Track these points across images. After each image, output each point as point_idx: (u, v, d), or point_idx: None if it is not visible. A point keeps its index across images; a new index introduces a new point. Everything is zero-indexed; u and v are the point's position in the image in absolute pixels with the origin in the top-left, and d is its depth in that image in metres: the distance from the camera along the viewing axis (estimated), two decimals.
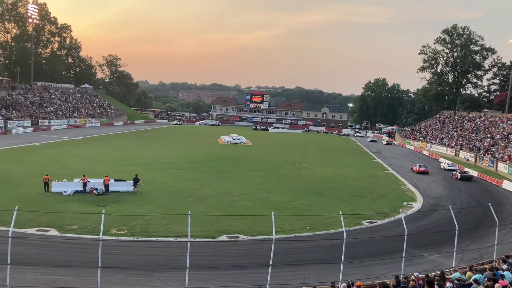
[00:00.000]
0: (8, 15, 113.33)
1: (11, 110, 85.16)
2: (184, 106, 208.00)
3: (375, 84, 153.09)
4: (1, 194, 31.91)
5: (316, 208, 32.54)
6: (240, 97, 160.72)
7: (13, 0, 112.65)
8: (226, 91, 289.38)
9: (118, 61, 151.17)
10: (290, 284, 16.48)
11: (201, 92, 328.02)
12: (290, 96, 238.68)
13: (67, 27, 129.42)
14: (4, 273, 15.36)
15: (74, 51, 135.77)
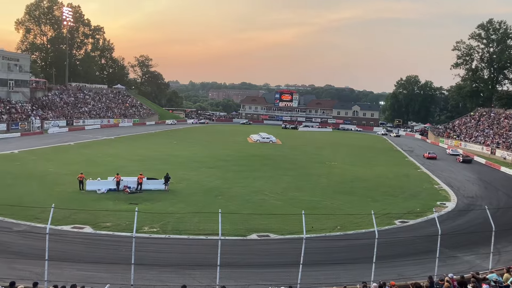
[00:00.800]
0: (44, 18, 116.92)
1: (47, 110, 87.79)
2: (213, 105, 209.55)
3: (407, 81, 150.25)
4: (39, 192, 33.01)
5: (347, 208, 32.23)
6: (269, 96, 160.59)
7: (49, 4, 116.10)
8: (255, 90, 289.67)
9: (149, 62, 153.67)
10: (321, 283, 16.39)
11: (230, 91, 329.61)
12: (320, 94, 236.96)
13: (100, 29, 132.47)
14: (42, 268, 15.87)
15: (107, 52, 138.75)
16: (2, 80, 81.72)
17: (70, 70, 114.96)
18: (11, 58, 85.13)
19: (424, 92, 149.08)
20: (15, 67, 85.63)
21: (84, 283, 14.83)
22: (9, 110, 77.47)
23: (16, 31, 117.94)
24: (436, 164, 59.41)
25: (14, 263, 19.15)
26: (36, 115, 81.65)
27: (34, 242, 21.17)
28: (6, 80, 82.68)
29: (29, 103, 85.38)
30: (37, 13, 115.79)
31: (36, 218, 25.81)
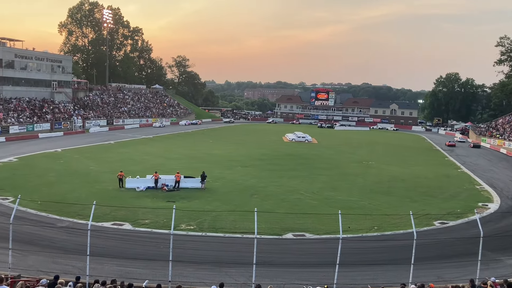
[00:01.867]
0: (85, 21, 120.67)
1: (88, 110, 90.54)
2: (249, 104, 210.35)
3: (447, 79, 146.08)
4: (81, 190, 34.11)
5: (385, 208, 31.69)
6: (304, 95, 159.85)
7: (90, 7, 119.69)
8: (290, 89, 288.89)
9: (186, 62, 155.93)
10: (357, 284, 16.22)
11: (265, 90, 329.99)
12: (357, 92, 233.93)
13: (139, 30, 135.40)
14: (84, 263, 16.42)
15: (145, 53, 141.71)
16: (46, 81, 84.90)
17: (110, 70, 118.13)
18: (54, 60, 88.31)
19: (465, 90, 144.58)
20: (58, 68, 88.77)
21: (123, 278, 15.24)
22: (52, 110, 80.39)
23: (59, 34, 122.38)
24: (477, 164, 57.58)
25: (58, 257, 19.87)
26: (78, 114, 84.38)
27: (76, 237, 21.88)
28: (50, 81, 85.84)
29: (72, 103, 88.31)
30: (78, 15, 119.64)
31: (78, 214, 26.68)
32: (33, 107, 77.40)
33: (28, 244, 21.33)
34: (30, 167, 42.65)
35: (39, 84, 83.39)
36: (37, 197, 29.38)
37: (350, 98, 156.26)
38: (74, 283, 13.87)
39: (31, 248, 21.01)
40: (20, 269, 17.46)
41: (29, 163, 45.28)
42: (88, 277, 15.85)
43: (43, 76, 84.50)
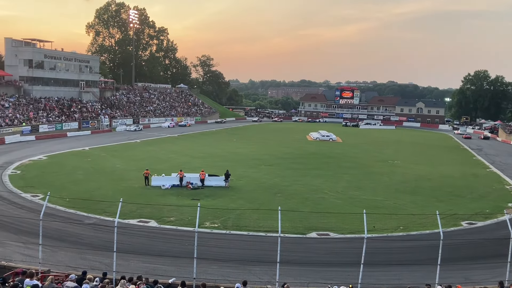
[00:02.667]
0: (112, 21, 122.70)
1: (115, 109, 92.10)
2: (273, 103, 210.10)
3: (475, 76, 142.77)
4: (107, 187, 34.77)
5: (410, 208, 31.24)
6: (329, 93, 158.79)
7: (116, 7, 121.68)
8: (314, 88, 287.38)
9: (210, 61, 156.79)
10: (382, 284, 16.07)
11: (289, 89, 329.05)
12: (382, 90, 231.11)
13: (164, 30, 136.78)
14: (111, 259, 16.75)
15: (170, 52, 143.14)
16: (74, 81, 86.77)
17: (136, 70, 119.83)
18: (82, 60, 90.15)
19: (494, 87, 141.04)
20: (86, 68, 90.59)
21: (149, 275, 15.48)
22: (80, 109, 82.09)
23: (87, 34, 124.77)
24: (507, 163, 56.12)
25: (86, 253, 20.32)
26: (105, 113, 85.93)
27: (103, 234, 22.32)
28: (78, 80, 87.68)
29: (99, 103, 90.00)
30: (105, 16, 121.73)
31: (105, 211, 27.20)
32: (61, 107, 79.21)
33: (57, 240, 21.86)
34: (59, 165, 43.70)
35: (67, 84, 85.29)
36: (66, 195, 30.12)
37: (376, 97, 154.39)
38: (101, 278, 14.16)
39: (60, 244, 21.53)
40: (49, 264, 17.93)
41: (58, 161, 46.39)
42: (114, 273, 16.16)
43: (72, 76, 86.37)
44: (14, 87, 74.97)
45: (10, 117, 65.86)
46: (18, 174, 38.78)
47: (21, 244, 21.57)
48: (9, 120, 64.90)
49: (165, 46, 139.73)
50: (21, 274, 14.37)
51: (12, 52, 77.44)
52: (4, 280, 12.11)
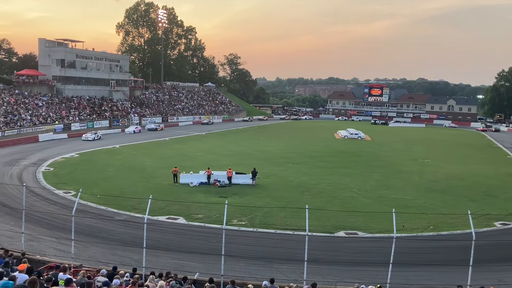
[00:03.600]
0: (141, 21, 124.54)
1: (144, 108, 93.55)
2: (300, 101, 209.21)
3: (510, 73, 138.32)
4: (137, 184, 35.39)
5: (441, 207, 30.61)
6: (357, 91, 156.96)
7: (145, 7, 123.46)
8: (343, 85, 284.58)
9: (238, 60, 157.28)
10: (411, 284, 15.83)
11: (317, 86, 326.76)
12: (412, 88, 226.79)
13: (192, 29, 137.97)
14: (141, 255, 17.04)
15: (198, 51, 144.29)
16: (105, 80, 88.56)
17: (165, 69, 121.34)
18: (112, 60, 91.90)
19: None
20: (116, 67, 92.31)
21: (177, 271, 15.69)
22: (111, 107, 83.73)
23: (117, 34, 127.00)
24: None
25: (116, 249, 20.76)
26: (135, 112, 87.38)
27: (133, 230, 22.72)
28: (109, 80, 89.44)
29: (129, 101, 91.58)
30: (135, 16, 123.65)
31: (135, 208, 27.72)
32: (92, 105, 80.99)
33: (89, 236, 22.42)
34: (90, 163, 44.71)
35: (98, 83, 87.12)
36: (97, 191, 30.79)
37: (405, 94, 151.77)
38: (131, 274, 14.42)
39: (91, 239, 22.08)
40: (81, 259, 18.38)
41: (89, 158, 47.49)
42: (144, 269, 16.44)
43: (102, 75, 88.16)
44: (47, 87, 77.07)
45: (44, 115, 67.76)
46: (51, 171, 39.89)
47: (55, 239, 22.20)
48: (43, 118, 66.78)
49: (193, 45, 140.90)
50: (55, 268, 14.77)
51: (46, 52, 79.60)
52: (39, 273, 12.49)
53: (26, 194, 23.19)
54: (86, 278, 12.35)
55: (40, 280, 10.63)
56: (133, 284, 12.07)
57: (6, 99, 65.56)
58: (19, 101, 67.80)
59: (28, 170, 39.59)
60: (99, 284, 11.86)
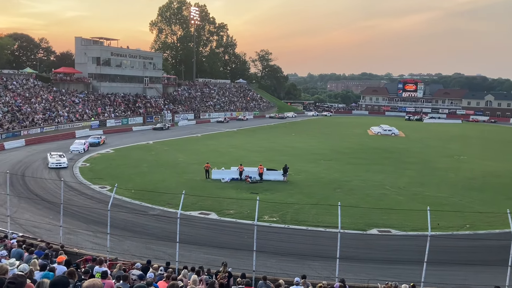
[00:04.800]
0: (174, 19, 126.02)
1: (177, 104, 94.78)
2: (332, 97, 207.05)
3: None
4: (170, 180, 35.96)
5: (478, 205, 29.80)
6: (391, 86, 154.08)
7: (178, 5, 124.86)
8: (376, 80, 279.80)
9: (269, 56, 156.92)
10: (446, 283, 15.49)
11: (349, 82, 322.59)
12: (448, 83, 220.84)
13: (224, 26, 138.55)
14: (174, 249, 17.33)
15: (230, 48, 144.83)
16: (139, 77, 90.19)
17: (197, 66, 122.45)
18: (146, 57, 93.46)
19: None
20: (150, 65, 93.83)
21: (210, 266, 15.88)
22: (145, 104, 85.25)
23: (150, 32, 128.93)
24: None
25: (150, 243, 21.18)
26: (168, 109, 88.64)
27: (167, 225, 23.09)
28: (142, 77, 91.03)
29: (162, 98, 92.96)
30: (168, 14, 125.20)
31: (168, 203, 28.18)
32: (127, 102, 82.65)
33: (124, 230, 22.97)
34: (125, 158, 45.71)
35: (132, 80, 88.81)
36: (131, 186, 31.47)
37: (441, 89, 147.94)
38: (165, 268, 14.70)
39: (126, 233, 22.62)
40: (116, 252, 18.85)
41: (124, 154, 48.55)
42: (177, 263, 16.72)
43: (136, 73, 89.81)
44: (83, 84, 79.15)
45: (80, 112, 69.64)
46: (88, 166, 41.00)
47: (91, 233, 22.85)
48: (79, 115, 68.64)
49: (225, 42, 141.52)
50: (91, 261, 15.22)
51: (82, 50, 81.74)
52: (77, 266, 12.90)
53: (64, 188, 23.95)
54: (122, 271, 12.67)
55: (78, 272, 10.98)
56: (167, 278, 12.30)
57: (44, 96, 67.74)
58: (57, 98, 69.92)
59: None
60: (133, 277, 12.14)
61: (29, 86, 68.35)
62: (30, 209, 26.75)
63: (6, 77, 67.05)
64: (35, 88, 68.85)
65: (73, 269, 10.83)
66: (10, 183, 24.70)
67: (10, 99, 61.44)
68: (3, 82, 64.59)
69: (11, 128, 55.00)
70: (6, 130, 53.88)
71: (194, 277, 11.86)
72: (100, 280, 7.15)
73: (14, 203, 25.94)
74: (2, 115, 56.94)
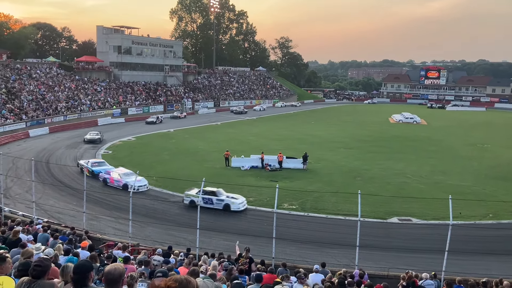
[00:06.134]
0: (194, 7, 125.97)
1: (197, 92, 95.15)
2: (353, 84, 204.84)
3: None
4: (191, 167, 36.26)
5: (502, 194, 29.24)
6: (413, 73, 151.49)
7: None
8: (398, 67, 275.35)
9: (289, 43, 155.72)
10: (468, 273, 15.27)
11: (370, 69, 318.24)
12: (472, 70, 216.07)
13: (244, 13, 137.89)
14: (194, 236, 17.56)
15: (249, 36, 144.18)
16: (159, 66, 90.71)
17: (217, 54, 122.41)
18: (166, 46, 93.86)
19: None
20: (170, 53, 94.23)
21: (230, 253, 16.04)
22: (165, 92, 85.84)
23: (171, 20, 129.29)
24: None
25: (171, 229, 21.50)
26: (188, 97, 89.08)
27: (187, 212, 23.38)
28: (163, 65, 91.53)
29: (182, 86, 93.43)
30: (188, 1, 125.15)
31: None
32: (148, 90, 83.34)
33: (145, 216, 23.33)
34: (146, 146, 46.26)
35: (153, 69, 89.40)
36: (153, 174, 31.84)
37: (464, 77, 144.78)
38: (185, 254, 14.91)
39: (147, 220, 22.98)
40: (138, 238, 19.20)
41: (145, 142, 49.12)
42: (198, 249, 16.94)
43: (157, 61, 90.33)
44: (105, 72, 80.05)
45: (102, 100, 70.57)
46: (110, 154, 41.65)
47: (113, 219, 23.29)
48: (101, 103, 69.57)
49: (245, 29, 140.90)
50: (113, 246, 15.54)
51: (103, 39, 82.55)
52: (100, 251, 13.19)
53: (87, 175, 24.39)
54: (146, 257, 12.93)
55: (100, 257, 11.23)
56: (188, 263, 12.48)
57: (67, 85, 68.82)
58: (79, 86, 70.96)
59: (89, 153, 41.53)
60: (155, 262, 12.36)
61: (52, 74, 69.51)
62: (55, 196, 27.37)
63: (30, 66, 68.32)
64: (58, 77, 69.99)
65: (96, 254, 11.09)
66: (35, 170, 25.28)
67: (34, 88, 62.62)
68: (27, 71, 65.82)
69: (36, 116, 56.13)
70: (30, 118, 55.02)
71: (214, 263, 12.01)
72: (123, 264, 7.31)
73: (39, 189, 26.56)
74: (27, 103, 58.11)
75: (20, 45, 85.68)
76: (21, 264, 5.64)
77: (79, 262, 5.09)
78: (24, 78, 63.49)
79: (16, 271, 5.63)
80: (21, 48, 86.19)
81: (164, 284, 2.41)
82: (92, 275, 4.60)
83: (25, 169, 32.52)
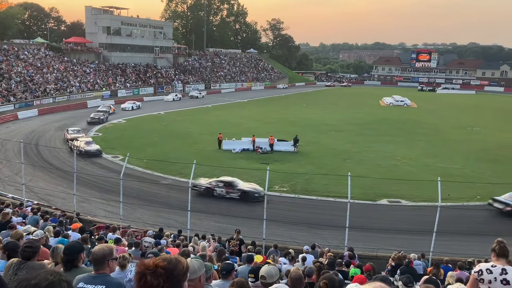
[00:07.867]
0: None
1: (188, 75, 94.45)
2: (344, 67, 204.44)
3: None
4: (182, 150, 36.19)
5: (490, 177, 29.63)
6: (404, 56, 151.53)
7: None
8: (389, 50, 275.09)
9: (281, 25, 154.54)
10: (455, 253, 15.56)
11: (362, 52, 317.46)
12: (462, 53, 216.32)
13: None
14: (186, 218, 17.62)
15: (240, 17, 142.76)
16: (149, 47, 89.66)
17: (208, 36, 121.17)
18: (156, 26, 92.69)
19: None
20: (160, 34, 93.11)
21: (220, 234, 16.15)
22: (155, 74, 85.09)
23: (160, 1, 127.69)
24: None
25: (162, 212, 21.56)
26: (179, 79, 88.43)
27: (178, 194, 23.37)
28: (153, 47, 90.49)
29: (172, 68, 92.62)
30: None
31: (180, 173, 28.49)
32: (138, 72, 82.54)
33: (136, 199, 23.34)
34: (137, 128, 46.02)
35: (143, 50, 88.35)
36: (143, 156, 31.76)
37: (455, 60, 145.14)
38: (176, 235, 14.98)
39: (138, 202, 22.98)
40: (129, 220, 19.22)
41: (136, 124, 48.84)
42: (189, 231, 17.03)
43: (147, 42, 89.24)
44: (94, 54, 79.03)
45: (92, 82, 69.83)
46: (100, 136, 41.39)
47: (104, 201, 23.27)
48: (91, 85, 68.86)
49: (236, 11, 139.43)
50: (105, 228, 15.55)
51: (92, 20, 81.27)
52: (91, 233, 13.20)
53: (77, 158, 24.27)
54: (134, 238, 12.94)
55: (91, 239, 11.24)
56: (178, 245, 12.55)
57: (56, 66, 67.91)
58: (68, 68, 70.06)
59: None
60: (146, 244, 12.39)
61: (40, 56, 68.47)
62: (44, 178, 27.24)
63: (18, 47, 67.17)
64: (47, 58, 68.96)
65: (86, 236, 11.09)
66: (24, 152, 25.08)
67: (22, 69, 61.72)
68: (14, 52, 64.75)
69: (24, 98, 55.46)
70: (19, 100, 54.35)
71: (203, 244, 12.11)
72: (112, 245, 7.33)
73: (29, 171, 26.40)
74: (15, 85, 57.33)
75: (7, 25, 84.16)
76: (7, 244, 5.60)
77: (70, 243, 5.10)
78: (11, 59, 62.49)
79: (4, 251, 5.60)
80: (7, 29, 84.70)
81: (152, 263, 2.40)
82: (82, 256, 4.61)
83: (14, 151, 32.27)
